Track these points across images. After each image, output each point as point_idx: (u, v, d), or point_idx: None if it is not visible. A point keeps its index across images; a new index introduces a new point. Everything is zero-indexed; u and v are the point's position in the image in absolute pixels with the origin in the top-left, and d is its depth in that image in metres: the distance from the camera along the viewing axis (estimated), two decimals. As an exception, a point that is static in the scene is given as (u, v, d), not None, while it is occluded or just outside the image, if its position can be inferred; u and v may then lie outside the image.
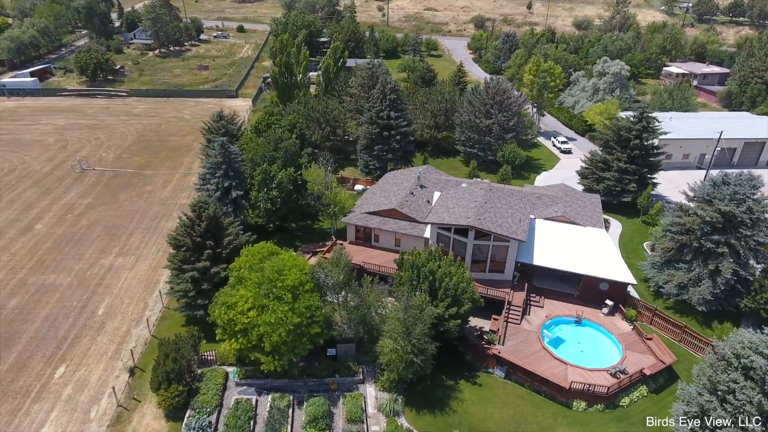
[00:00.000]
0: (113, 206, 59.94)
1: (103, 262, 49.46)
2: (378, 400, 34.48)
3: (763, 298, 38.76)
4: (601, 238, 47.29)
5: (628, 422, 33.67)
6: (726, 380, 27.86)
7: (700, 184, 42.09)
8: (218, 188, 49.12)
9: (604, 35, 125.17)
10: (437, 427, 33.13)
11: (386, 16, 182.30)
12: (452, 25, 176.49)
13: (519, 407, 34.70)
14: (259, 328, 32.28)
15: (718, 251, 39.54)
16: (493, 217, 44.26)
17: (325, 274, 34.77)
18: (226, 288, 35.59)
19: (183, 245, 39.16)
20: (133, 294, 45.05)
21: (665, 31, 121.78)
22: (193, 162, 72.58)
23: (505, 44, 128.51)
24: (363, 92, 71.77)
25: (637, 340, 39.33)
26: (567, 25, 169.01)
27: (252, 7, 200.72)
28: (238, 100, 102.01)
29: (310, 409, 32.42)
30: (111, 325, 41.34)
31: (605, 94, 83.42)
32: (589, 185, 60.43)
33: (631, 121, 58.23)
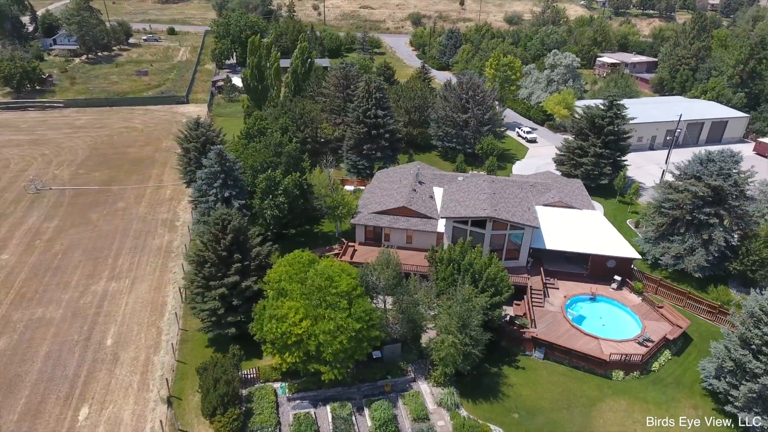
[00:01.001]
0: (87, 227, 54.90)
1: (95, 288, 45.32)
2: (435, 396, 34.73)
3: (750, 260, 43.42)
4: (598, 218, 50.48)
5: (663, 384, 36.47)
6: (759, 334, 31.06)
7: (687, 163, 46.13)
8: (218, 199, 46.71)
9: (540, 29, 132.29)
10: (496, 414, 34.01)
11: (322, 15, 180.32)
12: (390, 22, 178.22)
13: (564, 384, 36.43)
14: (317, 338, 31.38)
15: (709, 222, 43.70)
16: (505, 206, 45.84)
17: (376, 276, 34.34)
18: (266, 301, 34.12)
19: (207, 261, 36.91)
20: (140, 319, 41.75)
21: (594, 24, 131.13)
22: (162, 174, 68.10)
23: (450, 40, 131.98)
24: (338, 92, 70.91)
25: (650, 309, 42.58)
26: (499, 21, 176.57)
27: (177, 8, 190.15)
28: (191, 106, 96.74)
29: (377, 414, 32.00)
30: (126, 356, 38.10)
31: (559, 84, 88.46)
32: (567, 171, 64.01)
33: (602, 108, 62.37)
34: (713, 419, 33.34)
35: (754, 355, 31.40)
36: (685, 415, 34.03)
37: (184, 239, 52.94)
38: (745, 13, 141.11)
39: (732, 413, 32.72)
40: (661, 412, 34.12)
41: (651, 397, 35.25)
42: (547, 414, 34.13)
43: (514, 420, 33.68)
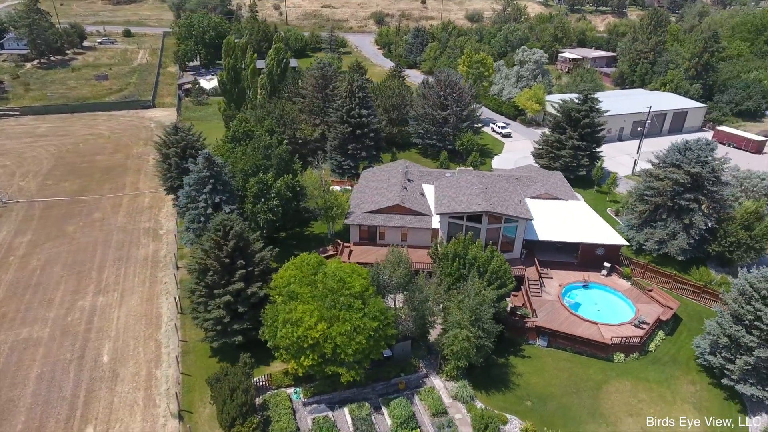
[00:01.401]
0: (63, 240, 52.21)
1: (82, 304, 43.21)
2: (449, 390, 35.12)
3: (727, 242, 46.07)
4: (583, 208, 52.28)
5: (660, 363, 38.24)
6: (751, 310, 33.07)
7: (666, 152, 48.41)
8: (208, 205, 45.47)
9: (503, 26, 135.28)
10: (510, 403, 34.76)
11: (284, 15, 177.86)
12: (353, 21, 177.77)
13: (570, 369, 37.62)
14: (334, 340, 31.13)
15: (690, 207, 46.08)
16: (498, 200, 46.78)
17: (388, 275, 34.34)
18: (276, 306, 33.57)
19: (209, 269, 35.89)
20: (136, 333, 40.13)
21: (555, 20, 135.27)
22: (137, 181, 65.54)
23: (416, 38, 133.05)
24: (316, 92, 70.24)
25: (640, 293, 44.51)
26: (460, 19, 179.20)
27: (130, 9, 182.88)
28: (157, 110, 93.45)
29: (396, 412, 32.08)
30: (126, 372, 36.57)
31: (529, 80, 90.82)
32: (546, 164, 65.85)
33: (577, 102, 64.53)
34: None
35: (748, 330, 33.42)
36: (683, 392, 35.83)
37: (171, 248, 51.21)
38: (692, 9, 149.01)
39: (729, 386, 34.76)
40: (662, 390, 35.79)
41: (652, 377, 36.91)
42: (557, 399, 35.16)
43: (528, 408, 34.52)
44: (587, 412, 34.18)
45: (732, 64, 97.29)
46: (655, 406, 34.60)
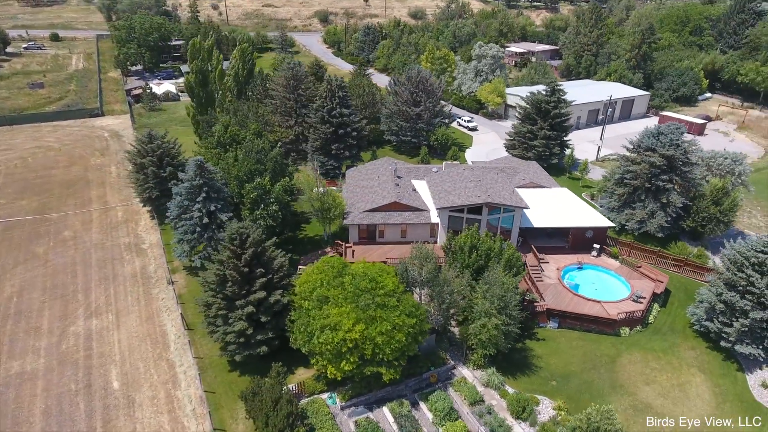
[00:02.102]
0: (36, 263, 48.00)
1: (74, 329, 40.05)
2: (479, 379, 35.96)
3: (700, 217, 50.23)
4: (567, 195, 54.98)
5: (661, 333, 41.20)
6: (744, 276, 36.41)
7: (640, 138, 51.89)
8: (203, 214, 43.57)
9: (450, 23, 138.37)
10: (537, 385, 36.16)
11: (223, 15, 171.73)
12: (296, 20, 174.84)
13: (584, 347, 39.65)
14: (375, 340, 31.02)
15: (666, 188, 49.77)
16: (495, 191, 48.23)
17: (418, 271, 34.50)
18: (306, 312, 32.90)
19: (228, 280, 34.48)
20: (143, 355, 37.81)
21: (499, 16, 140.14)
22: (103, 195, 61.27)
23: (367, 36, 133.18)
24: (287, 93, 68.74)
25: (630, 270, 47.57)
26: (404, 16, 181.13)
27: (52, 11, 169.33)
28: (108, 118, 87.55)
29: (437, 405, 32.50)
30: (141, 396, 34.44)
31: (487, 74, 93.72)
32: (520, 154, 68.45)
33: (545, 94, 67.51)
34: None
35: (742, 296, 36.76)
36: (687, 357, 38.85)
37: (160, 262, 48.52)
38: (619, 2, 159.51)
39: (725, 348, 38.09)
40: (669, 357, 38.59)
41: (657, 346, 39.69)
42: (578, 376, 36.99)
43: (554, 387, 36.06)
44: (608, 385, 36.24)
45: (666, 53, 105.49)
46: (666, 372, 37.28)
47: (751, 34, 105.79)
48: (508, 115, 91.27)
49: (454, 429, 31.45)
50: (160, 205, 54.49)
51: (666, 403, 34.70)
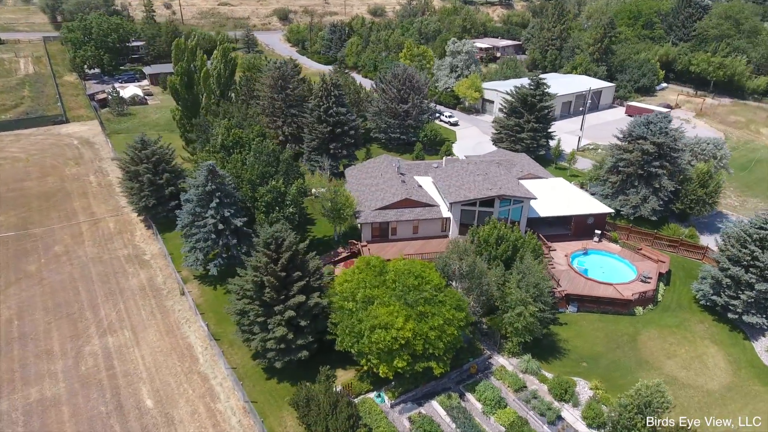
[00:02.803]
0: (30, 282, 44.83)
1: (90, 349, 37.83)
2: (517, 366, 36.94)
3: (688, 200, 53.56)
4: (564, 184, 57.06)
5: (671, 310, 43.76)
6: (747, 252, 39.28)
7: (630, 127, 54.60)
8: (217, 220, 42.18)
9: (415, 20, 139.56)
10: (570, 367, 37.56)
11: (177, 14, 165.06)
12: (255, 19, 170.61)
13: (604, 328, 41.51)
14: (426, 335, 31.27)
15: (657, 173, 52.72)
16: (503, 184, 49.42)
17: (458, 265, 34.92)
18: (352, 313, 32.64)
19: (266, 286, 33.63)
20: (172, 370, 36.27)
21: (462, 12, 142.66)
22: (88, 206, 57.87)
23: (334, 34, 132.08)
24: (275, 93, 67.37)
25: (632, 253, 50.11)
26: (363, 13, 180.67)
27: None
28: (75, 125, 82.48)
29: (486, 395, 33.20)
30: (181, 413, 33.09)
31: (463, 70, 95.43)
32: (508, 147, 70.21)
33: (528, 88, 69.59)
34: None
35: (746, 270, 39.63)
36: (698, 330, 41.45)
37: (167, 272, 46.55)
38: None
39: (730, 319, 40.97)
40: (683, 332, 41.08)
41: (670, 322, 42.15)
42: (605, 356, 38.73)
43: (585, 368, 37.59)
44: (634, 362, 38.17)
45: (624, 46, 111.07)
46: (684, 345, 39.69)
47: (698, 27, 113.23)
48: (485, 110, 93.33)
49: (506, 416, 32.27)
50: (156, 213, 52.27)
51: (690, 375, 36.98)
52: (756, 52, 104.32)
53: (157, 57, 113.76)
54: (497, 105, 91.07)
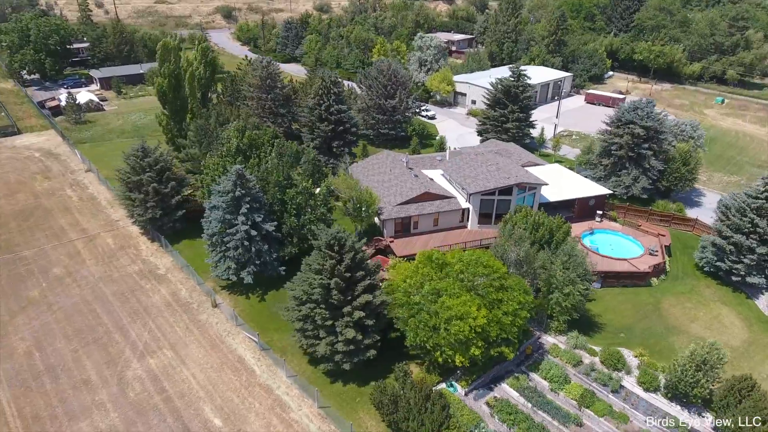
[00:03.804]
0: (38, 310, 40.92)
1: (133, 373, 35.34)
2: (566, 343, 38.81)
3: (673, 177, 58.27)
4: (562, 170, 60.09)
5: (680, 279, 47.59)
6: (747, 221, 43.65)
7: (619, 114, 58.41)
8: (249, 227, 40.68)
9: (369, 15, 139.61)
10: (610, 339, 39.92)
11: (110, 13, 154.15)
12: (196, 17, 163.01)
13: (629, 301, 44.47)
14: (502, 321, 32.24)
15: (646, 155, 56.94)
16: (516, 173, 51.33)
17: (517, 252, 35.99)
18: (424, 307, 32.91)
19: (332, 288, 33.05)
20: (230, 385, 34.74)
21: (415, 7, 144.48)
22: (76, 223, 53.41)
23: (289, 31, 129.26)
24: (263, 93, 65.39)
25: (633, 229, 53.88)
26: (309, 9, 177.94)
27: None
28: (29, 136, 75.26)
29: (552, 373, 34.83)
30: (254, 428, 31.92)
31: (432, 64, 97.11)
32: (495, 138, 72.59)
33: (510, 80, 72.26)
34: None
35: (747, 237, 44.01)
36: (707, 294, 45.49)
37: (189, 285, 44.24)
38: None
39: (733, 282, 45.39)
40: (696, 297, 44.88)
41: (683, 290, 45.92)
42: (637, 325, 41.61)
43: (623, 339, 40.19)
44: (663, 328, 41.34)
45: (573, 37, 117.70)
46: (701, 309, 43.48)
47: (636, 19, 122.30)
48: (457, 102, 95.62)
49: (573, 390, 34.01)
50: (163, 225, 49.35)
51: (713, 334, 40.58)
52: (689, 40, 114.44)
53: (104, 59, 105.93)
54: (470, 97, 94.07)
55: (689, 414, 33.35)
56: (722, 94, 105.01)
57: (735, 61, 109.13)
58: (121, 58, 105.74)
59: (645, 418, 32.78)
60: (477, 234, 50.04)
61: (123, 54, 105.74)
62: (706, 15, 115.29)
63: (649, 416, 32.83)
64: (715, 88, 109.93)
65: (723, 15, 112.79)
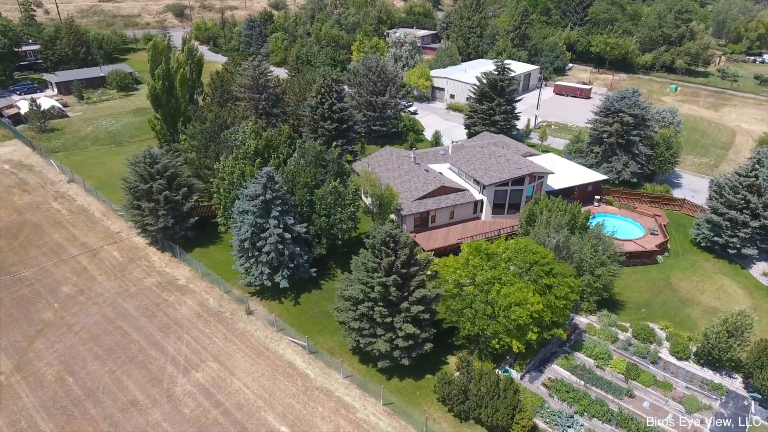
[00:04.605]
0: (57, 332, 38.20)
1: (182, 389, 33.89)
2: (598, 321, 40.85)
3: (658, 161, 62.27)
4: (558, 159, 62.66)
5: (681, 255, 51.10)
6: (740, 198, 47.58)
7: (608, 104, 61.58)
8: (282, 230, 39.91)
9: (332, 13, 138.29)
10: (634, 315, 42.39)
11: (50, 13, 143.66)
12: (147, 16, 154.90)
13: (642, 279, 47.33)
14: (556, 304, 33.60)
15: (635, 141, 60.50)
16: (524, 164, 53.13)
17: (557, 239, 37.35)
18: (479, 297, 33.72)
19: (390, 285, 33.12)
20: (287, 391, 34.08)
21: (377, 4, 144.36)
22: (73, 237, 50.04)
23: (253, 29, 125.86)
24: (255, 93, 63.71)
25: (630, 212, 57.20)
26: (264, 6, 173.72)
27: None
28: (-8, 147, 69.33)
29: (596, 351, 36.61)
30: (322, 431, 31.50)
31: (408, 60, 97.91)
32: (484, 130, 74.46)
33: (495, 74, 74.29)
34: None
35: (740, 212, 47.97)
36: (708, 267, 49.18)
37: (216, 294, 42.76)
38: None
39: (727, 255, 49.38)
40: (699, 270, 48.46)
41: (686, 265, 49.40)
42: (654, 300, 44.45)
43: (645, 314, 42.83)
44: (678, 301, 44.42)
45: (534, 31, 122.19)
46: (706, 282, 47.01)
47: (591, 13, 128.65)
48: (436, 97, 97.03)
49: (618, 365, 35.97)
50: (175, 234, 47.29)
51: (723, 304, 44.07)
52: (640, 32, 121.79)
53: (58, 63, 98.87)
54: (448, 92, 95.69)
55: (721, 377, 36.20)
56: (674, 82, 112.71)
57: (682, 51, 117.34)
58: (77, 60, 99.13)
59: (685, 384, 35.24)
60: (493, 224, 51.47)
61: (79, 56, 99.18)
62: (654, 8, 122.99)
63: (689, 382, 35.33)
64: (666, 77, 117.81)
65: (669, 8, 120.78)
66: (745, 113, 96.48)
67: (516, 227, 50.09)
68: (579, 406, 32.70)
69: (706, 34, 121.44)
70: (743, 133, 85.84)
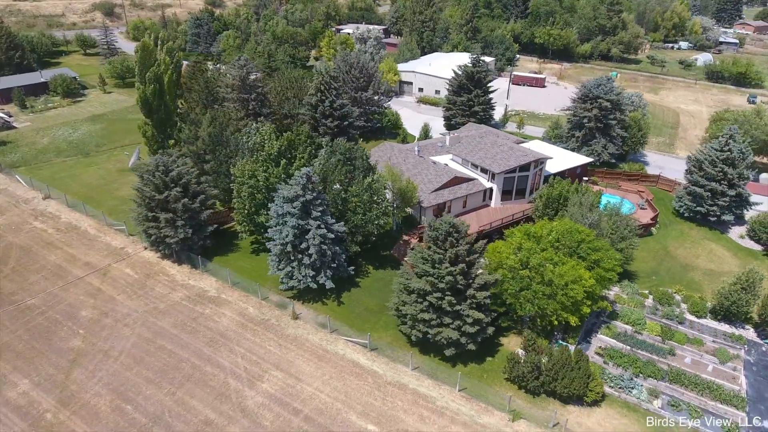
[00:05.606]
0: (96, 360, 35.34)
1: (254, 402, 32.79)
2: (621, 291, 44.16)
3: (631, 142, 67.69)
4: (545, 145, 66.16)
5: (669, 226, 56.16)
6: (717, 170, 53.23)
7: (586, 91, 65.88)
8: (325, 230, 39.46)
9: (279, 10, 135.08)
10: (647, 282, 46.15)
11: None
12: (72, 16, 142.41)
13: (643, 249, 51.11)
14: (605, 277, 36.20)
15: (613, 124, 65.36)
16: (526, 151, 55.77)
17: (591, 218, 39.78)
18: (535, 278, 35.50)
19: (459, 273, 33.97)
20: (363, 390, 34.05)
21: (325, 1, 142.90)
22: (74, 257, 46.12)
23: (200, 28, 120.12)
24: (244, 94, 61.51)
25: (615, 190, 61.87)
26: (199, 4, 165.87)
27: None
28: (-63, 166, 61.35)
29: (632, 317, 39.71)
30: (409, 422, 31.97)
31: (374, 54, 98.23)
32: (465, 122, 76.81)
33: (470, 66, 76.77)
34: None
35: (718, 183, 53.62)
36: (694, 235, 54.51)
37: (254, 303, 41.40)
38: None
39: (710, 222, 55.09)
40: (690, 237, 53.64)
41: (676, 234, 54.45)
42: (660, 268, 48.71)
43: (656, 281, 46.89)
44: (680, 267, 49.02)
45: (483, 24, 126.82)
46: (697, 248, 52.17)
47: (531, 6, 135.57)
48: (404, 91, 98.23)
49: (653, 329, 39.32)
50: (193, 244, 45.04)
51: (717, 266, 49.24)
52: (578, 24, 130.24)
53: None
54: (417, 85, 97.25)
55: (735, 329, 40.68)
56: (614, 69, 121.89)
57: (616, 40, 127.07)
58: (11, 66, 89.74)
59: (711, 338, 39.27)
60: (504, 210, 53.63)
61: (14, 61, 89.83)
62: (589, 1, 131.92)
63: (714, 336, 39.40)
64: (605, 65, 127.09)
65: (602, 1, 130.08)
66: (680, 95, 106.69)
67: (527, 212, 52.80)
68: (634, 369, 35.48)
69: (636, 24, 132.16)
70: (684, 113, 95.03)
